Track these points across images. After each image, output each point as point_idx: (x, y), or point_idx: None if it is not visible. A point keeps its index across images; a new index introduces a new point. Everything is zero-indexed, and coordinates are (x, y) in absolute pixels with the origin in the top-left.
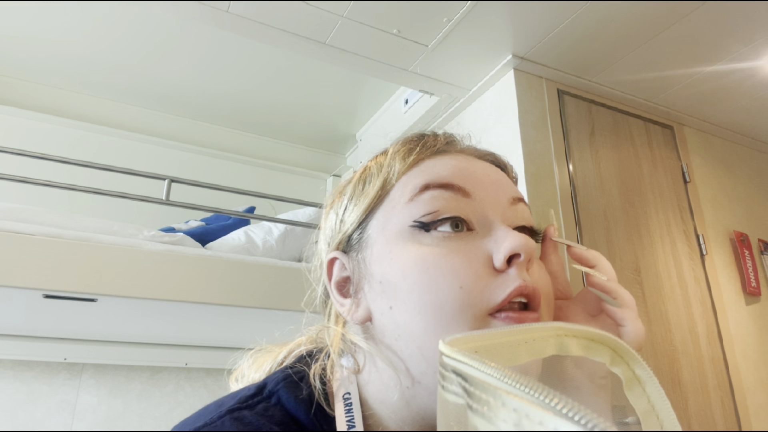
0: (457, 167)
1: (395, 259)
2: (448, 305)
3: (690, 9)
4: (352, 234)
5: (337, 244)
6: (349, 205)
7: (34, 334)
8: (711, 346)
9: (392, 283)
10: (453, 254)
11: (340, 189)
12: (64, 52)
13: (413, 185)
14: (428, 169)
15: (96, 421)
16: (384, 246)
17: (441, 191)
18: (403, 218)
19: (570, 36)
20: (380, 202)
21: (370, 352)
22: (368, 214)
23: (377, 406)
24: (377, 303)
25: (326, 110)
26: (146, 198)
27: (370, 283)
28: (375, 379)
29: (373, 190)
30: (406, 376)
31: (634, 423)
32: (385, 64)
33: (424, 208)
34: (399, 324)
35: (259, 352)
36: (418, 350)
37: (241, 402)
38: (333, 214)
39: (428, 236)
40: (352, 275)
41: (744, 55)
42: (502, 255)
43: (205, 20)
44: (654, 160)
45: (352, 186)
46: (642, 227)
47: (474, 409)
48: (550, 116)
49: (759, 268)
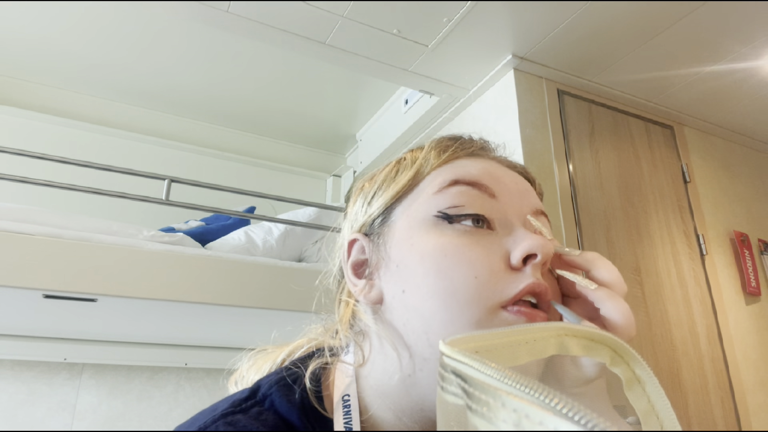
0: (487, 170)
1: (415, 244)
2: (460, 293)
3: (690, 9)
4: (377, 218)
5: (360, 227)
6: (379, 191)
7: (34, 334)
8: (711, 346)
9: (409, 267)
10: (472, 246)
11: (372, 176)
12: (64, 52)
13: (443, 179)
14: (460, 167)
15: (96, 421)
16: (406, 231)
17: (468, 188)
18: (429, 207)
19: (570, 36)
20: (409, 191)
21: (377, 334)
22: (396, 200)
23: (376, 402)
24: (391, 285)
25: (326, 110)
26: (146, 198)
27: (387, 265)
28: (377, 367)
29: (405, 178)
30: (409, 362)
31: (634, 423)
32: (385, 64)
33: (450, 200)
34: (409, 307)
35: (258, 353)
36: (425, 335)
37: (235, 406)
38: (361, 198)
39: (450, 228)
40: (369, 258)
41: (744, 55)
42: (519, 253)
43: (205, 20)
44: (654, 160)
45: (385, 174)
46: (642, 227)
47: (474, 410)
48: (550, 116)
49: (759, 268)
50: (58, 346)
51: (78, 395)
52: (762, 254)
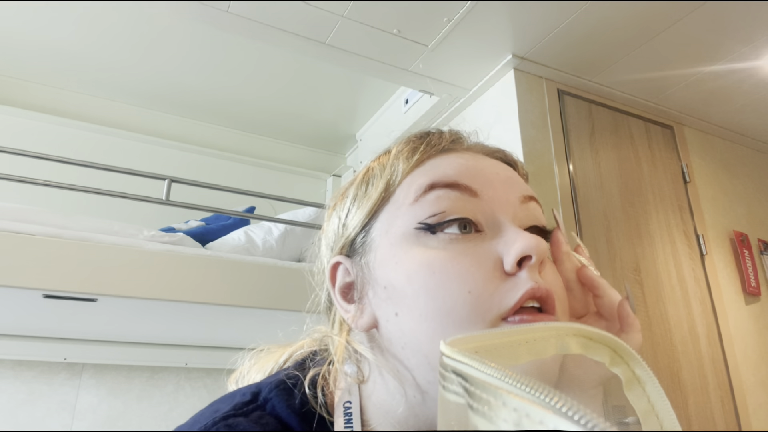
0: (464, 165)
1: (400, 263)
2: (456, 311)
3: (690, 9)
4: (356, 238)
5: (341, 248)
6: (352, 208)
7: (34, 334)
8: (711, 346)
9: (397, 289)
10: (460, 257)
11: (342, 191)
12: (64, 52)
13: (418, 185)
14: (433, 168)
15: (96, 421)
16: (388, 249)
17: (447, 191)
18: (408, 220)
19: (570, 36)
20: (384, 204)
21: (376, 365)
22: (371, 216)
23: (380, 417)
24: (382, 309)
25: (326, 110)
26: (146, 198)
27: (374, 288)
28: (380, 389)
29: (376, 192)
30: (413, 386)
31: (634, 423)
32: (385, 64)
33: (429, 209)
34: (405, 331)
35: (261, 352)
36: (425, 359)
37: (237, 408)
38: (335, 217)
39: (434, 239)
40: (355, 280)
41: (744, 55)
42: (512, 257)
43: (205, 20)
44: (654, 160)
45: (355, 188)
46: (642, 227)
47: (475, 409)
48: (551, 116)
49: (759, 268)
50: (58, 346)
51: (78, 395)
52: (762, 254)
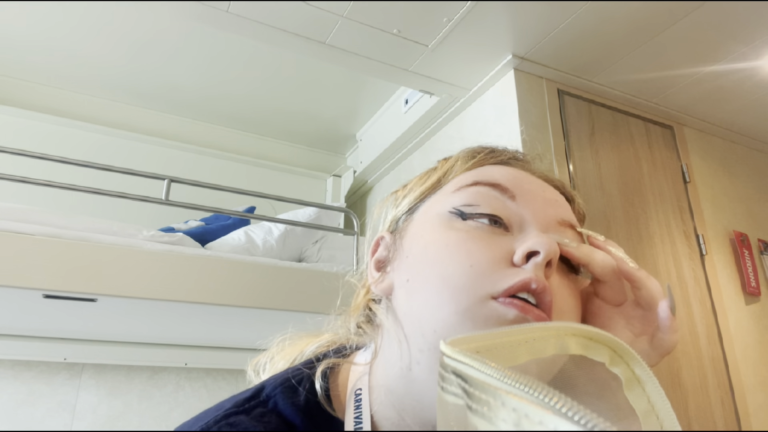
0: (512, 175)
1: (425, 236)
2: (453, 280)
3: (690, 9)
4: (401, 217)
5: (388, 226)
6: (409, 194)
7: (34, 334)
8: (711, 346)
9: (416, 258)
10: (476, 240)
11: (406, 182)
12: (64, 52)
13: (465, 180)
14: (484, 172)
15: (96, 421)
16: (421, 226)
17: (488, 189)
18: (445, 204)
19: (570, 36)
20: (432, 193)
21: (386, 326)
22: (420, 200)
23: (381, 399)
24: (399, 276)
25: (326, 110)
26: (146, 198)
27: (399, 257)
28: (382, 360)
29: (429, 182)
30: (407, 353)
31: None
32: (385, 64)
33: (466, 199)
34: (409, 297)
35: (287, 340)
36: (418, 323)
37: (238, 406)
38: (392, 201)
39: (462, 224)
40: (389, 252)
41: (744, 55)
42: (522, 250)
43: (205, 20)
44: (654, 160)
45: (416, 179)
46: (642, 227)
47: (474, 410)
48: (550, 116)
49: (759, 268)
50: (58, 346)
51: (78, 395)
52: (762, 254)
